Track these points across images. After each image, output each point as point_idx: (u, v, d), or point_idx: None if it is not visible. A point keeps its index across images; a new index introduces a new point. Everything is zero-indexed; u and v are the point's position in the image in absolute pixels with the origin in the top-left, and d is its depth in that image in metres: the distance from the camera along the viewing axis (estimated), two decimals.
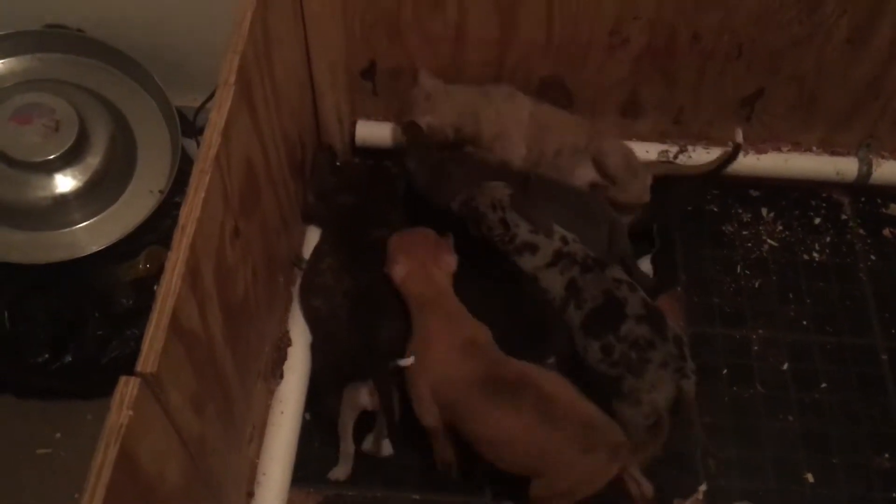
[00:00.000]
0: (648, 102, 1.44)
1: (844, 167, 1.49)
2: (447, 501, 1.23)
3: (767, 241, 1.49)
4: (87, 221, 1.27)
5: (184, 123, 1.34)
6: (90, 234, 1.26)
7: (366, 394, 1.19)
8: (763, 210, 1.52)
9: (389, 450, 1.23)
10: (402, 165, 1.35)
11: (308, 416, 1.28)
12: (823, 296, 1.43)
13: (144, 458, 0.79)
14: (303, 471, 1.23)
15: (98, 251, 1.24)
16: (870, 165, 1.49)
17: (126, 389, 0.75)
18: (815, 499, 1.24)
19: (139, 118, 1.35)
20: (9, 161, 1.22)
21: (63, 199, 1.24)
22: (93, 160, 1.26)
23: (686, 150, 1.48)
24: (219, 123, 0.92)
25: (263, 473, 1.20)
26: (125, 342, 1.27)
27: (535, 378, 1.11)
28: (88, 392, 1.34)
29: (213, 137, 0.91)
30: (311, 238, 1.39)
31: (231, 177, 0.96)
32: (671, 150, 1.48)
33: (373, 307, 1.23)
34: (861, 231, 1.51)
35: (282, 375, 1.27)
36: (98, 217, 1.28)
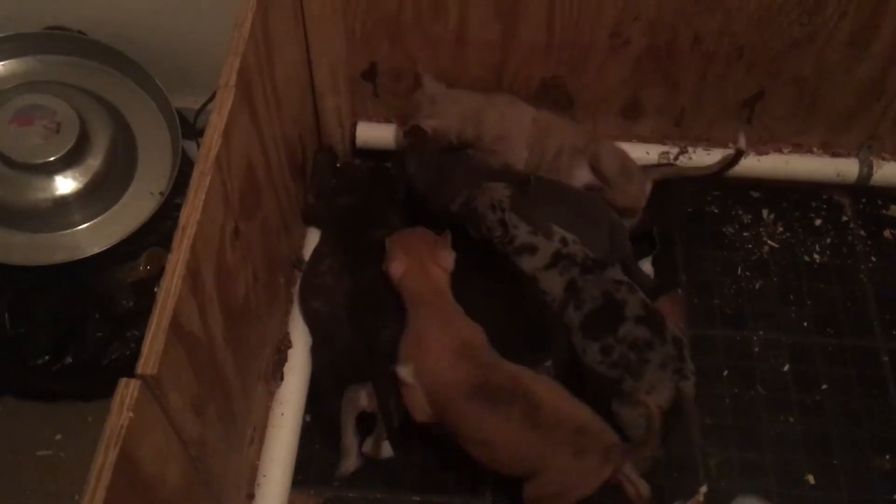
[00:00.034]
0: (649, 104, 1.44)
1: (845, 168, 1.49)
2: (448, 502, 1.22)
3: (768, 243, 1.49)
4: (88, 223, 1.27)
5: (184, 125, 1.34)
6: (91, 236, 1.26)
7: (364, 396, 1.19)
8: (764, 211, 1.52)
9: (389, 452, 1.22)
10: (402, 167, 1.35)
11: (308, 418, 1.28)
12: (824, 297, 1.43)
13: (145, 460, 0.79)
14: (303, 472, 1.23)
15: (98, 253, 1.24)
16: (870, 167, 1.49)
17: (126, 391, 0.75)
18: (816, 500, 1.24)
19: (140, 120, 1.35)
20: (9, 163, 1.22)
21: (64, 201, 1.24)
22: (93, 162, 1.26)
23: (686, 152, 1.48)
24: (219, 125, 0.93)
25: (264, 475, 1.20)
26: (126, 344, 1.27)
27: (528, 381, 1.11)
28: (89, 393, 1.34)
29: (214, 139, 0.92)
30: (312, 239, 1.39)
31: (231, 178, 0.96)
32: (672, 152, 1.48)
33: (373, 308, 1.23)
34: (862, 232, 1.51)
35: (282, 377, 1.27)
36: (99, 219, 1.28)
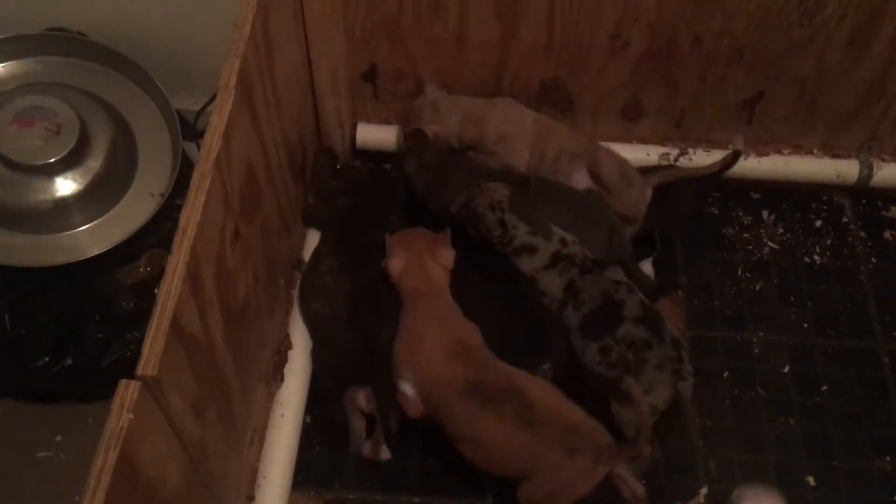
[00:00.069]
0: (649, 105, 1.44)
1: (845, 170, 1.49)
2: None
3: (768, 244, 1.49)
4: (88, 224, 1.27)
5: (184, 126, 1.34)
6: (91, 238, 1.26)
7: (363, 398, 1.19)
8: (764, 213, 1.52)
9: (387, 455, 1.22)
10: (402, 169, 1.35)
11: (309, 420, 1.28)
12: (824, 298, 1.43)
13: (145, 462, 0.79)
14: (303, 474, 1.23)
15: (99, 254, 1.23)
16: (871, 168, 1.49)
17: (126, 393, 0.75)
18: (817, 501, 1.24)
19: (140, 121, 1.35)
20: (10, 164, 1.22)
21: (64, 203, 1.24)
22: (94, 163, 1.26)
23: (687, 153, 1.48)
24: (219, 126, 0.92)
25: (264, 477, 1.20)
26: (126, 345, 1.27)
27: (521, 382, 1.11)
28: (89, 395, 1.33)
29: (214, 140, 0.91)
30: (312, 241, 1.39)
31: (232, 180, 0.96)
32: (672, 153, 1.48)
33: (373, 309, 1.23)
34: (862, 234, 1.51)
35: (282, 378, 1.27)
36: (99, 220, 1.28)
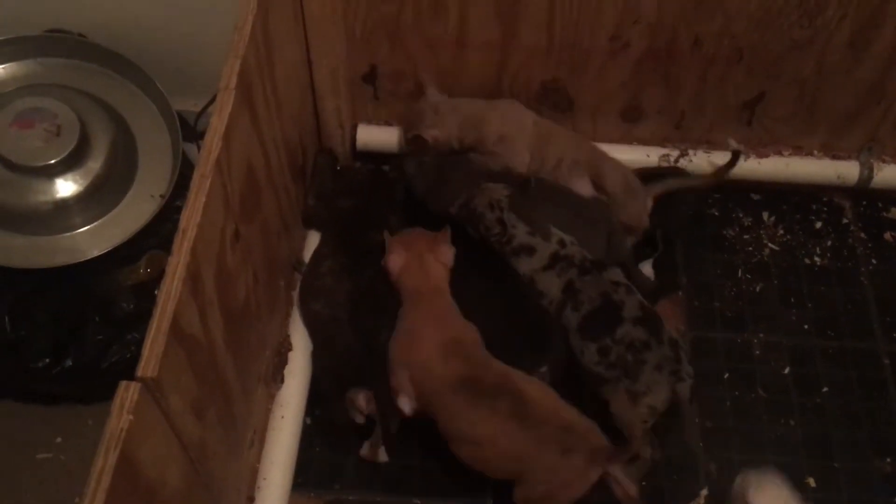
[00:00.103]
0: (649, 107, 1.44)
1: (845, 171, 1.49)
2: None
3: (768, 245, 1.49)
4: (88, 226, 1.27)
5: (185, 128, 1.34)
6: (91, 239, 1.26)
7: (362, 399, 1.19)
8: (764, 214, 1.52)
9: (385, 457, 1.22)
10: (401, 170, 1.35)
11: (309, 421, 1.28)
12: (825, 300, 1.43)
13: (145, 463, 0.78)
14: (303, 475, 1.23)
15: (99, 255, 1.23)
16: (871, 169, 1.49)
17: (126, 394, 0.75)
18: (817, 502, 1.24)
19: (140, 122, 1.35)
20: (10, 165, 1.22)
21: (64, 204, 1.24)
22: (94, 165, 1.26)
23: (687, 155, 1.48)
24: (220, 128, 0.92)
25: (264, 478, 1.20)
26: (126, 346, 1.27)
27: (516, 382, 1.11)
28: (89, 396, 1.33)
29: (214, 142, 0.91)
30: (312, 242, 1.39)
31: (232, 181, 0.96)
32: (672, 155, 1.48)
33: (373, 310, 1.23)
34: (862, 235, 1.51)
35: (282, 380, 1.27)
36: (99, 221, 1.28)
